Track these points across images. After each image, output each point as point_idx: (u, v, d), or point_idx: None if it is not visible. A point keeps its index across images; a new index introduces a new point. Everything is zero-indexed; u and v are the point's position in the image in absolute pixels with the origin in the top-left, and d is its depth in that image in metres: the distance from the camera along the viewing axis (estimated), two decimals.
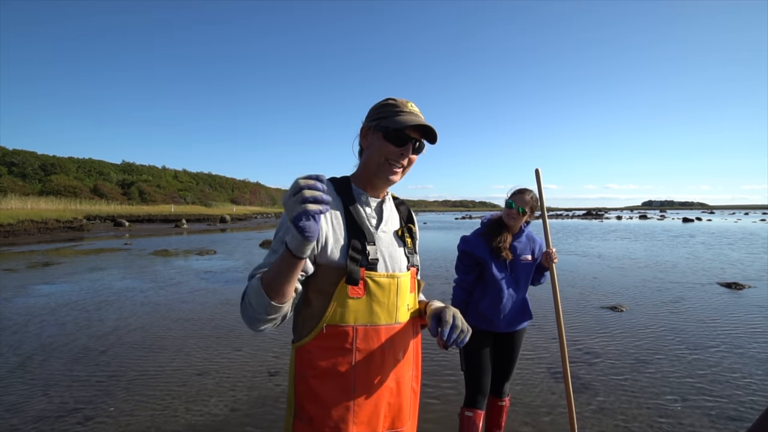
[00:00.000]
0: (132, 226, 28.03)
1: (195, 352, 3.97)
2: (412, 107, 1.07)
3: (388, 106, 1.07)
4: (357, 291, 1.00)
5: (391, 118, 1.03)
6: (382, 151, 1.04)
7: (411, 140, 1.04)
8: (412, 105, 1.08)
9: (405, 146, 1.04)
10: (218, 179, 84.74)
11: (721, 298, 6.24)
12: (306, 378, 1.01)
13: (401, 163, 1.06)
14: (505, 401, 2.20)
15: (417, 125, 1.03)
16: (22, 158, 47.92)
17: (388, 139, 1.03)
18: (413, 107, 1.07)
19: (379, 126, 1.05)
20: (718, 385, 3.18)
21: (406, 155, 1.05)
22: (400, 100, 1.08)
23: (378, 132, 1.05)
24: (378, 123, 1.05)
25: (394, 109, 1.05)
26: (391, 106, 1.06)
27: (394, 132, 1.02)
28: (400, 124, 1.02)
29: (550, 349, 3.99)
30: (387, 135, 1.03)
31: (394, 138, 1.03)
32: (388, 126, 1.03)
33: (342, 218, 1.04)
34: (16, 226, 18.21)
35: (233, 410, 2.83)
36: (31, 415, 2.76)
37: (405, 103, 1.07)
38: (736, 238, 17.69)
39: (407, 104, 1.07)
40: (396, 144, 1.03)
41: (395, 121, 1.03)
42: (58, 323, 4.93)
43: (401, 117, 1.03)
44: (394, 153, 1.04)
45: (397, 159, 1.05)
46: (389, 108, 1.06)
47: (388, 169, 1.05)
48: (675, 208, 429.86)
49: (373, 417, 1.04)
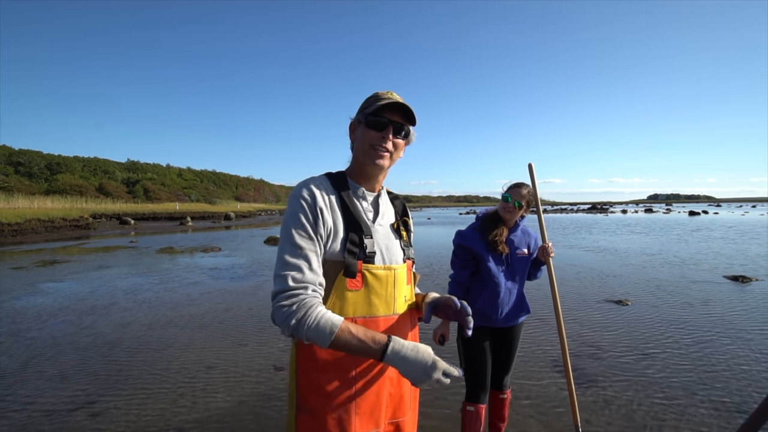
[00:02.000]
0: (137, 224, 28.23)
1: (202, 347, 4.01)
2: (392, 95, 1.09)
3: (370, 98, 1.11)
4: (355, 283, 1.02)
5: (371, 107, 1.08)
6: (366, 139, 1.08)
7: (391, 123, 1.08)
8: (393, 93, 1.10)
9: (385, 130, 1.07)
10: (222, 177, 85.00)
11: (728, 291, 6.20)
12: (307, 370, 1.03)
13: (385, 146, 1.08)
14: (507, 394, 2.21)
15: (393, 107, 1.07)
16: (28, 158, 48.32)
17: (369, 126, 1.07)
18: (393, 95, 1.10)
19: (362, 117, 1.09)
20: (723, 378, 3.17)
21: (387, 138, 1.08)
22: (383, 92, 1.11)
23: (361, 123, 1.09)
24: (362, 114, 1.09)
25: (375, 100, 1.09)
26: (372, 97, 1.11)
27: (372, 118, 1.06)
28: (374, 108, 1.07)
29: (555, 342, 3.99)
30: (368, 122, 1.07)
31: (374, 124, 1.07)
32: (368, 114, 1.07)
33: (339, 212, 1.05)
34: (23, 225, 18.39)
35: (240, 404, 2.86)
36: (43, 410, 2.81)
37: (386, 92, 1.11)
38: (744, 231, 17.52)
39: (387, 93, 1.10)
40: (377, 129, 1.07)
41: (373, 107, 1.07)
42: (66, 320, 4.99)
43: (379, 103, 1.07)
44: (376, 138, 1.07)
45: (379, 143, 1.08)
46: (371, 99, 1.10)
47: (374, 153, 1.08)
48: (681, 201, 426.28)
49: (375, 407, 1.05)
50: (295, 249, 0.97)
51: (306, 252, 0.97)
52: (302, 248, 0.97)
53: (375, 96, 1.11)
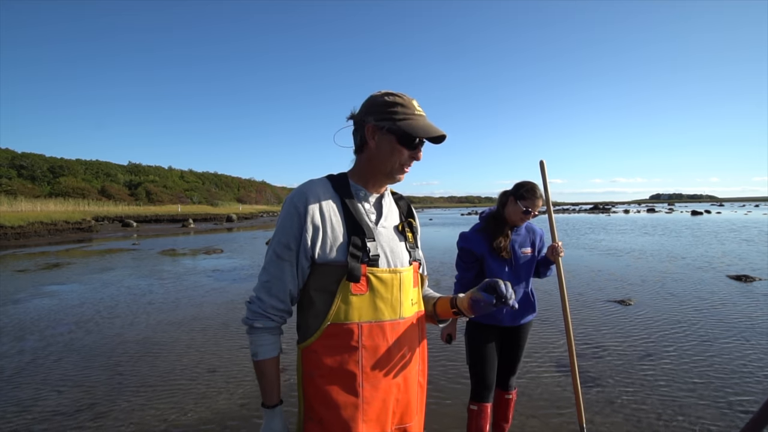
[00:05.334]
0: (140, 226, 28.31)
1: (203, 349, 4.01)
2: (418, 108, 1.05)
3: (396, 105, 1.03)
4: (360, 288, 1.00)
5: (405, 122, 1.01)
6: (396, 155, 1.04)
7: (422, 143, 1.05)
8: (417, 103, 1.06)
9: (416, 150, 1.05)
10: (224, 179, 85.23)
11: (731, 290, 6.17)
12: (314, 378, 1.02)
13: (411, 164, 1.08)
14: (512, 394, 2.20)
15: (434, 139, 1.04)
16: (31, 161, 48.57)
17: (403, 143, 1.02)
18: (419, 108, 1.05)
19: (393, 129, 1.02)
20: (727, 378, 3.16)
21: (417, 157, 1.06)
22: (406, 99, 1.04)
23: (391, 135, 1.02)
24: (391, 125, 1.01)
25: (405, 111, 1.02)
26: (399, 105, 1.03)
27: (409, 136, 1.02)
28: (417, 132, 1.01)
29: (558, 343, 3.98)
30: (401, 139, 1.02)
31: (409, 143, 1.03)
32: (404, 131, 1.01)
33: (340, 215, 1.03)
34: (26, 228, 18.47)
35: (242, 406, 2.86)
36: (46, 413, 2.81)
37: (411, 101, 1.04)
38: (746, 231, 17.45)
39: (413, 103, 1.05)
40: (410, 148, 1.04)
41: (411, 126, 1.01)
42: (69, 322, 5.01)
43: (414, 122, 1.02)
44: (408, 157, 1.05)
45: (409, 162, 1.06)
46: (398, 108, 1.03)
47: (401, 171, 1.07)
48: (683, 201, 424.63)
49: (382, 413, 1.04)
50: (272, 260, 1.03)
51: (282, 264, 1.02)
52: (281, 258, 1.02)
53: (400, 104, 1.02)
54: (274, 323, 1.05)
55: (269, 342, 1.04)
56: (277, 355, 1.05)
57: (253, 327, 1.03)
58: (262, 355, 1.02)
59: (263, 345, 1.03)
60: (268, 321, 1.03)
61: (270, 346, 1.03)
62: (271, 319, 1.03)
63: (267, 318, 1.03)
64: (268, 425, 1.03)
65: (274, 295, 1.02)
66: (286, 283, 1.02)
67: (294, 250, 1.01)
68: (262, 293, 1.03)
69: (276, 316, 1.04)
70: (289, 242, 1.01)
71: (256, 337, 1.03)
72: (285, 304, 1.04)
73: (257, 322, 1.02)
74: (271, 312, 1.03)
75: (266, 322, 1.03)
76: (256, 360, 1.03)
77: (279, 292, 1.02)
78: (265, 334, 1.03)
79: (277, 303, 1.03)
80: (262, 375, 1.03)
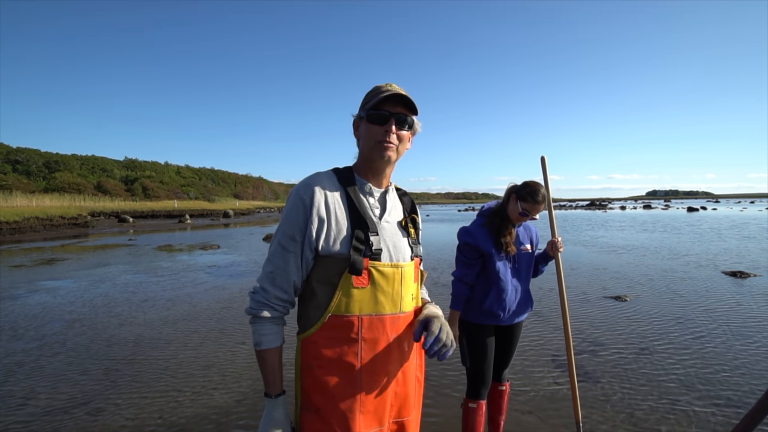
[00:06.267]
0: (136, 221, 28.20)
1: (200, 345, 4.00)
2: (391, 86, 1.07)
3: (370, 92, 1.09)
4: (361, 281, 1.01)
5: (371, 102, 1.06)
6: (370, 135, 1.06)
7: (393, 116, 1.05)
8: (392, 85, 1.08)
9: (387, 123, 1.05)
10: (221, 174, 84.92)
11: (726, 286, 6.21)
12: (312, 369, 1.03)
13: (390, 140, 1.06)
14: (506, 386, 2.20)
15: (393, 99, 1.05)
16: (26, 156, 48.21)
17: (371, 121, 1.05)
18: (393, 86, 1.07)
19: (362, 112, 1.08)
20: (722, 373, 3.18)
21: (390, 131, 1.05)
22: (382, 84, 1.09)
23: (363, 119, 1.08)
24: (364, 111, 1.07)
25: (374, 93, 1.07)
26: (372, 91, 1.09)
27: (374, 112, 1.05)
28: (376, 104, 1.05)
29: (555, 339, 3.99)
30: (369, 118, 1.05)
31: (376, 118, 1.05)
32: (369, 109, 1.05)
33: (345, 209, 1.04)
34: (21, 224, 18.36)
35: (238, 402, 2.86)
36: (41, 409, 2.80)
37: (385, 85, 1.08)
38: (742, 227, 17.56)
39: (387, 85, 1.08)
40: (379, 123, 1.05)
41: (373, 101, 1.05)
42: (64, 318, 4.98)
43: (379, 97, 1.05)
44: (380, 132, 1.05)
45: (384, 137, 1.05)
46: (371, 94, 1.08)
47: (380, 148, 1.06)
48: (680, 197, 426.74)
49: (380, 406, 1.05)
50: (277, 251, 1.03)
51: (287, 255, 1.03)
52: (285, 249, 1.02)
53: (375, 90, 1.08)
54: (278, 313, 1.05)
55: (272, 332, 1.04)
56: (280, 345, 1.06)
57: (256, 317, 1.03)
58: (266, 344, 1.03)
59: (266, 335, 1.03)
60: (271, 311, 1.04)
61: (273, 335, 1.04)
62: (275, 309, 1.04)
63: (271, 308, 1.04)
64: (270, 414, 1.02)
65: (278, 286, 1.03)
66: (290, 274, 1.03)
67: (299, 241, 1.02)
68: (266, 283, 1.03)
69: (280, 306, 1.05)
70: (294, 234, 1.01)
71: (259, 327, 1.03)
72: (289, 295, 1.05)
73: (261, 312, 1.03)
74: (275, 302, 1.04)
75: (270, 312, 1.04)
76: (259, 349, 1.03)
77: (283, 282, 1.03)
78: (268, 324, 1.04)
79: (281, 293, 1.03)
80: (264, 364, 1.03)
